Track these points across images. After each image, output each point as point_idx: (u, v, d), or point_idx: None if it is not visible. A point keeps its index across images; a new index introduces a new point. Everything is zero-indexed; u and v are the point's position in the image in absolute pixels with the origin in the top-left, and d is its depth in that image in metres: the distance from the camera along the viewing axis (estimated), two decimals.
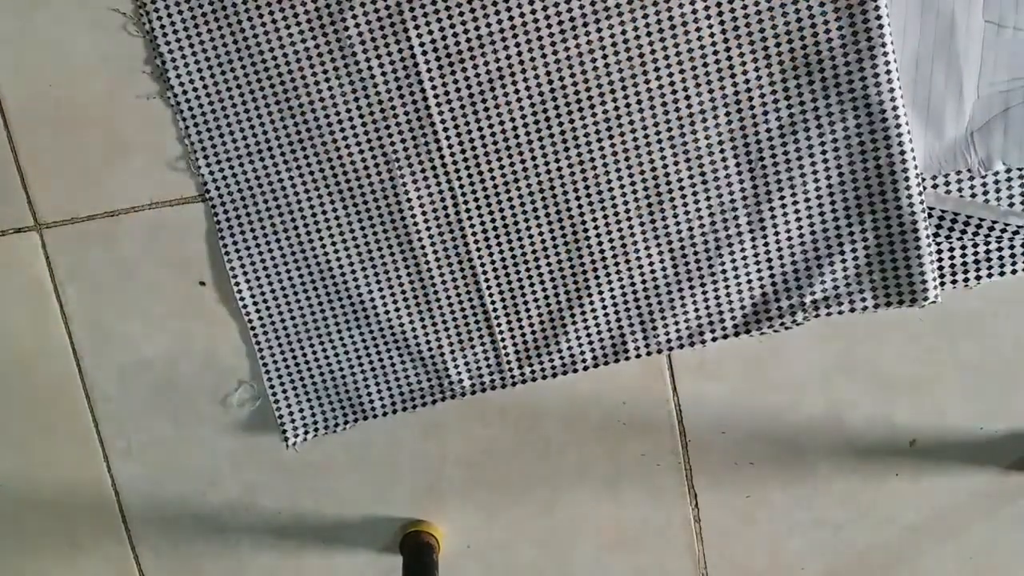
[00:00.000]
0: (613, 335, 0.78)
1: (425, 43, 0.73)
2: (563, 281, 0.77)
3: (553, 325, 0.78)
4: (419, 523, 0.84)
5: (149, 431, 0.84)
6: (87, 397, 0.84)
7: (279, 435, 0.83)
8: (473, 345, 0.79)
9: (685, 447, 0.81)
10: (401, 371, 0.80)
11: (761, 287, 0.75)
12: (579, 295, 0.77)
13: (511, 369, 0.79)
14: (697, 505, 0.82)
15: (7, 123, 0.78)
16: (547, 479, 0.83)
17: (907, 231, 0.72)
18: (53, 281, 0.81)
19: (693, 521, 0.83)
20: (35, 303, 0.82)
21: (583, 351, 0.78)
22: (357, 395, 0.81)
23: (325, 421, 0.82)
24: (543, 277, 0.77)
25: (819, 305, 0.75)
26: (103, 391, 0.83)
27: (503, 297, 0.78)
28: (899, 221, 0.72)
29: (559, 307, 0.77)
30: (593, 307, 0.77)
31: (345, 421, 0.82)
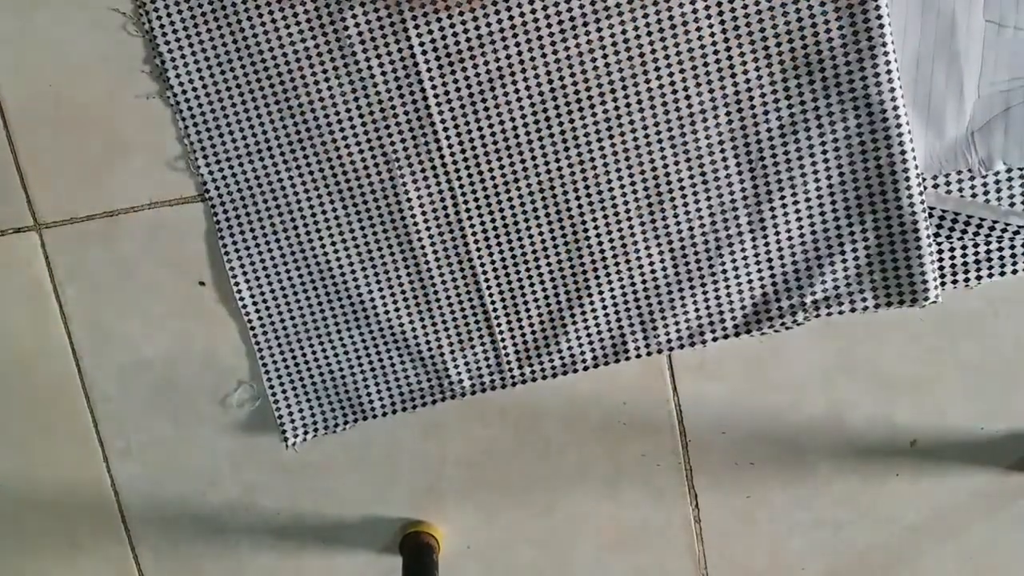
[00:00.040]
0: (613, 335, 0.78)
1: (425, 43, 0.72)
2: (563, 281, 0.77)
3: (553, 325, 0.78)
4: (419, 523, 0.84)
5: (149, 431, 0.84)
6: (86, 397, 0.84)
7: (279, 435, 0.83)
8: (473, 345, 0.79)
9: (685, 447, 0.81)
10: (401, 371, 0.80)
11: (761, 287, 0.75)
12: (579, 295, 0.77)
13: (511, 369, 0.79)
14: (697, 505, 0.82)
15: (6, 123, 0.78)
16: (547, 479, 0.83)
17: (908, 231, 0.72)
18: (52, 281, 0.81)
19: (693, 521, 0.83)
20: (34, 303, 0.82)
21: (583, 351, 0.78)
22: (357, 395, 0.81)
23: (325, 421, 0.82)
24: (543, 277, 0.77)
25: (819, 305, 0.75)
26: (102, 391, 0.83)
27: (503, 297, 0.78)
28: (900, 221, 0.72)
29: (559, 307, 0.77)
30: (593, 307, 0.77)
31: (345, 421, 0.82)
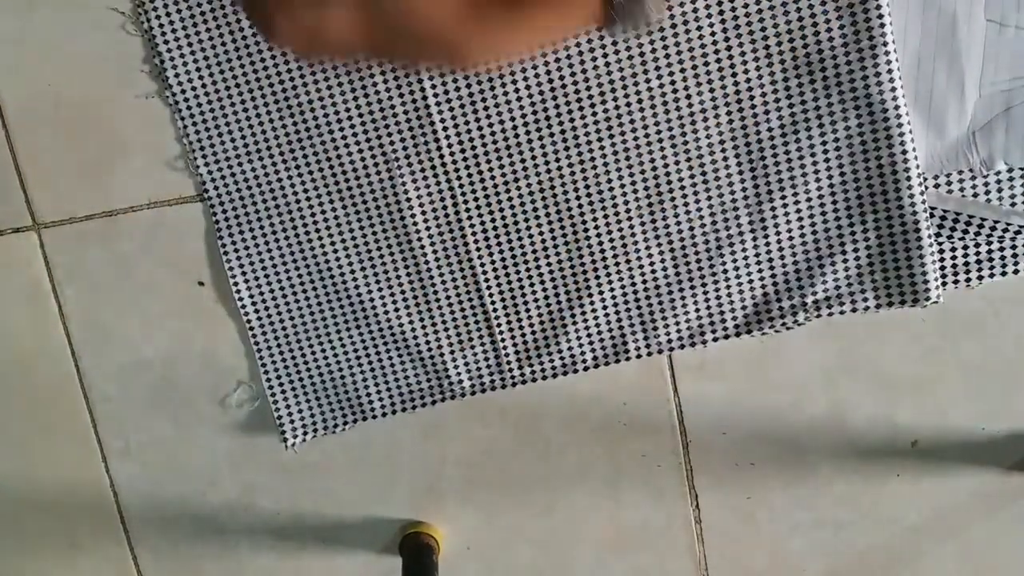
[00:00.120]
0: (614, 335, 0.77)
1: None
2: (563, 281, 0.77)
3: (553, 325, 0.78)
4: (419, 524, 0.84)
5: (148, 431, 0.84)
6: (85, 397, 0.83)
7: (278, 436, 0.83)
8: (473, 345, 0.79)
9: (686, 447, 0.81)
10: (401, 371, 0.80)
11: (762, 287, 0.75)
12: (579, 295, 0.77)
13: (511, 369, 0.79)
14: (698, 506, 0.82)
15: (5, 123, 0.78)
16: (547, 480, 0.82)
17: (909, 231, 0.71)
18: (51, 281, 0.81)
19: (694, 522, 0.83)
20: (33, 303, 0.82)
21: (583, 351, 0.78)
22: (356, 396, 0.81)
23: (324, 422, 0.82)
24: (543, 277, 0.77)
25: (820, 305, 0.75)
26: (102, 391, 0.83)
27: (503, 297, 0.77)
28: (901, 221, 0.71)
29: (559, 307, 0.77)
30: (593, 307, 0.77)
31: (344, 422, 0.82)
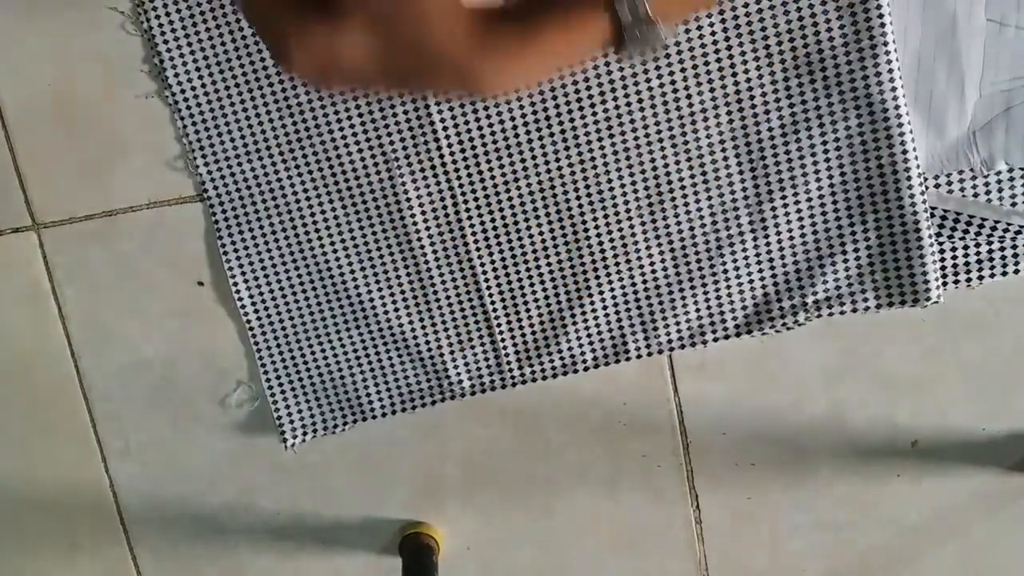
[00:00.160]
0: (614, 335, 0.77)
1: None
2: (563, 281, 0.77)
3: (553, 325, 0.78)
4: (418, 524, 0.84)
5: (147, 431, 0.84)
6: (85, 397, 0.83)
7: (278, 436, 0.82)
8: (473, 345, 0.79)
9: (686, 448, 0.81)
10: (400, 371, 0.80)
11: (763, 287, 0.75)
12: (579, 295, 0.77)
13: (511, 369, 0.79)
14: (698, 506, 0.82)
15: (5, 123, 0.78)
16: (547, 480, 0.82)
17: (909, 231, 0.71)
18: (51, 281, 0.81)
19: (694, 522, 0.83)
20: (33, 303, 0.82)
21: (583, 351, 0.78)
22: (356, 396, 0.81)
23: (324, 422, 0.82)
24: (543, 277, 0.77)
25: (821, 305, 0.75)
26: (101, 391, 0.83)
27: (503, 297, 0.77)
28: (901, 221, 0.71)
29: (559, 307, 0.77)
30: (594, 307, 0.77)
31: (344, 422, 0.81)
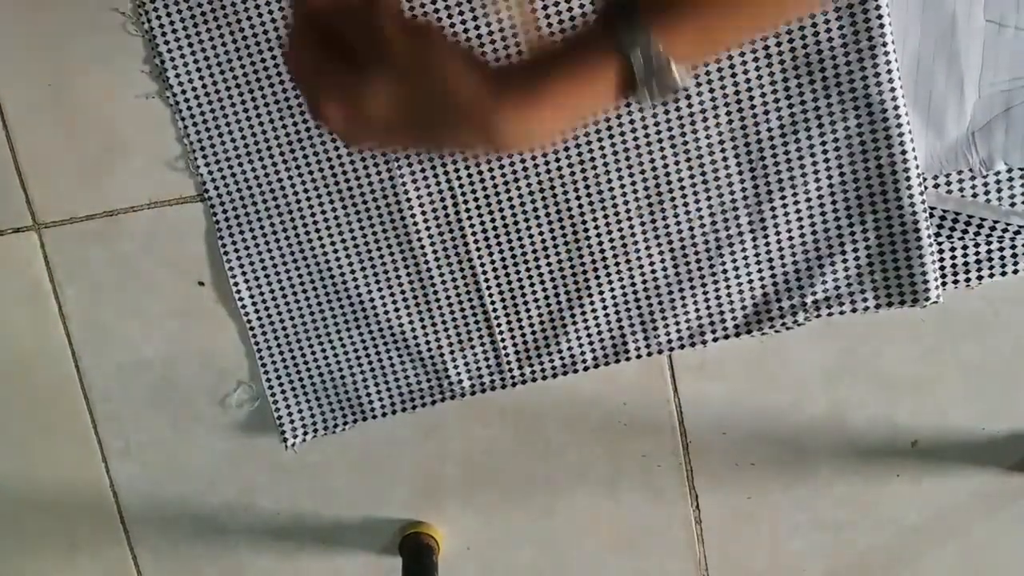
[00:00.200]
0: (614, 335, 0.77)
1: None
2: (563, 281, 0.77)
3: (553, 325, 0.78)
4: (419, 524, 0.84)
5: (148, 431, 0.84)
6: (85, 397, 0.83)
7: (278, 436, 0.83)
8: (473, 345, 0.79)
9: (686, 448, 0.81)
10: (401, 371, 0.80)
11: (762, 287, 0.75)
12: (579, 295, 0.77)
13: (511, 369, 0.79)
14: (698, 506, 0.82)
15: (6, 123, 0.78)
16: (547, 480, 0.82)
17: (908, 231, 0.71)
18: (52, 281, 0.81)
19: (694, 522, 0.83)
20: (34, 303, 0.82)
21: (583, 351, 0.78)
22: (356, 396, 0.81)
23: (324, 422, 0.82)
24: (543, 277, 0.77)
25: (820, 305, 0.75)
26: (102, 391, 0.83)
27: (503, 297, 0.77)
28: (900, 221, 0.71)
29: (559, 307, 0.77)
30: (593, 307, 0.77)
31: (344, 422, 0.81)
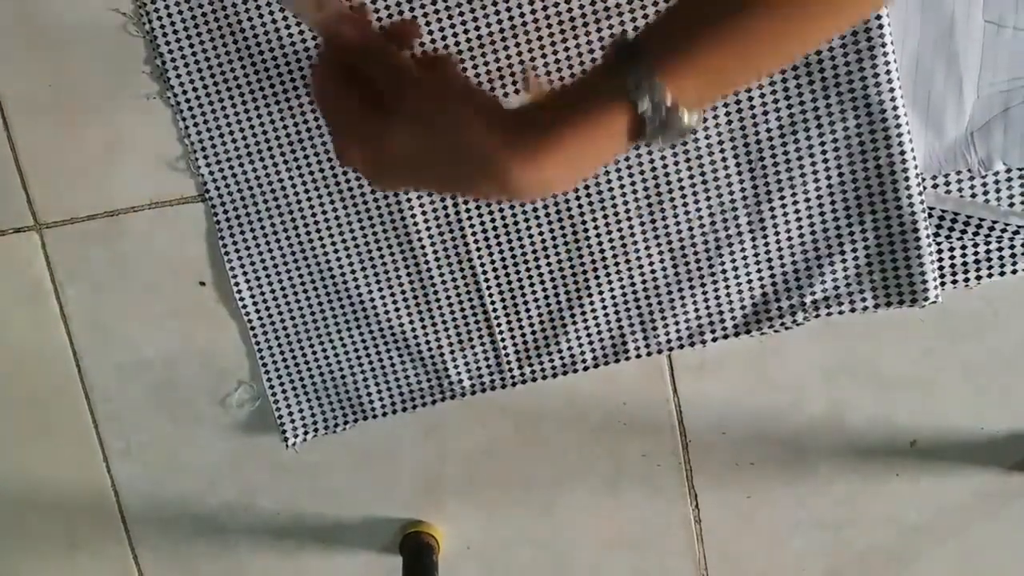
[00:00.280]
0: (613, 335, 0.78)
1: (425, 42, 0.73)
2: (563, 281, 0.77)
3: (553, 325, 0.78)
4: (419, 524, 0.84)
5: (148, 431, 0.84)
6: (86, 397, 0.83)
7: (278, 436, 0.83)
8: (473, 345, 0.79)
9: (685, 447, 0.81)
10: (401, 371, 0.80)
11: (761, 287, 0.75)
12: (579, 295, 0.77)
13: (511, 369, 0.79)
14: (697, 505, 0.82)
15: (6, 122, 0.78)
16: (547, 479, 0.82)
17: (907, 231, 0.72)
18: (52, 281, 0.81)
19: (693, 522, 0.83)
20: (35, 303, 0.82)
21: (583, 351, 0.78)
22: (357, 395, 0.81)
23: (325, 421, 0.82)
24: (543, 277, 0.77)
25: (819, 305, 0.75)
26: (102, 391, 0.83)
27: (503, 297, 0.78)
28: (899, 221, 0.72)
29: (559, 307, 0.77)
30: (593, 307, 0.77)
31: (345, 421, 0.82)
